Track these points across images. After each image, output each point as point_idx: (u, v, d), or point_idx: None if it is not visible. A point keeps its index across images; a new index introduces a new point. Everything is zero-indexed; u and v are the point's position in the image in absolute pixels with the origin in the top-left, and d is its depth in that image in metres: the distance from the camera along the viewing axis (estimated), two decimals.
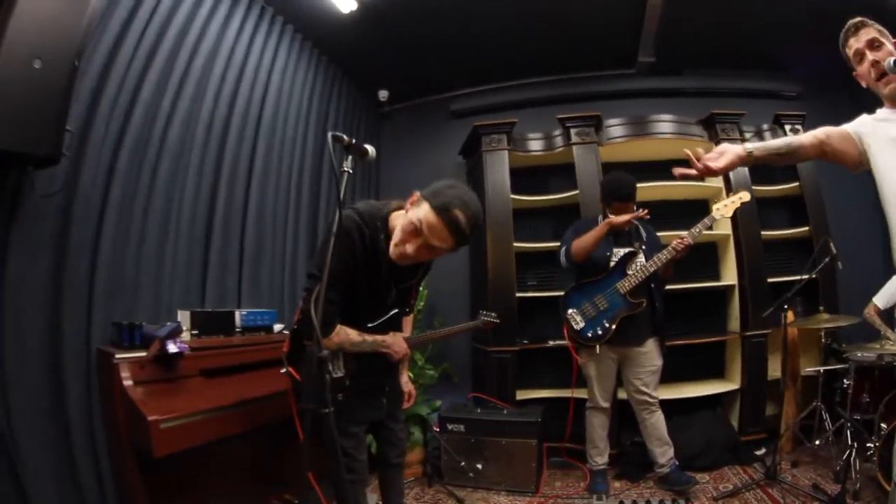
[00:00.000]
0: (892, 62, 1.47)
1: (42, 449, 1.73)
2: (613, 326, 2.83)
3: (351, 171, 1.44)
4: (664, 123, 3.78)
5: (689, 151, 1.67)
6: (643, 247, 2.95)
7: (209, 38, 2.69)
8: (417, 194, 1.64)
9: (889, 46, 1.57)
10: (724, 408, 3.68)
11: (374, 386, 1.93)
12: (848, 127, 1.67)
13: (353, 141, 1.46)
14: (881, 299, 3.12)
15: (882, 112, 1.64)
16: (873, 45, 1.59)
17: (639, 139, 3.78)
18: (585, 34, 3.95)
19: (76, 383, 1.87)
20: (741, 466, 3.19)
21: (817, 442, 3.05)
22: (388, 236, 1.70)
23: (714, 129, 3.73)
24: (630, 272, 2.85)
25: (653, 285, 2.93)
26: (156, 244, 2.30)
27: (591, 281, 2.93)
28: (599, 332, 2.85)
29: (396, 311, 1.93)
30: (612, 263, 2.91)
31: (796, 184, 3.77)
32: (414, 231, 1.58)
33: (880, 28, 1.62)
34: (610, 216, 2.89)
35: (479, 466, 3.04)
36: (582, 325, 2.90)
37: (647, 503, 2.69)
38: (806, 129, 3.60)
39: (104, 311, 2.01)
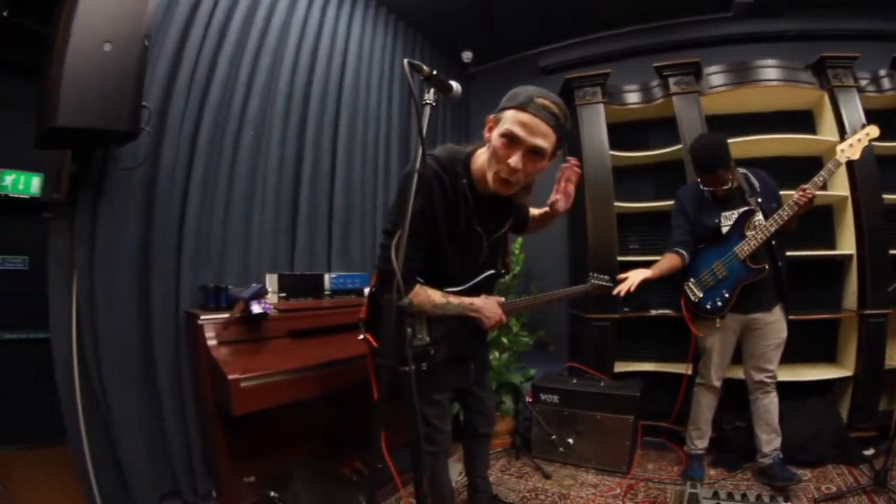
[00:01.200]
0: None
1: (132, 407, 1.92)
2: (733, 297, 2.54)
3: (434, 104, 1.34)
4: (770, 69, 3.32)
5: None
6: (759, 199, 2.56)
7: (279, 12, 2.73)
8: (492, 116, 1.52)
9: None
10: (834, 397, 3.17)
11: (462, 353, 1.82)
12: None
13: (434, 72, 1.34)
14: None
15: None
16: None
17: (743, 87, 3.33)
18: None
19: (164, 345, 2.04)
20: (847, 466, 2.80)
21: None
22: (472, 180, 1.60)
23: (825, 75, 3.21)
24: (749, 234, 2.51)
25: (773, 243, 2.54)
26: (242, 212, 2.42)
27: (707, 247, 2.63)
28: (719, 304, 2.57)
29: (491, 272, 1.82)
30: (724, 229, 2.59)
31: None
32: (509, 142, 1.45)
33: None
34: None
35: (571, 441, 2.88)
36: (700, 295, 2.62)
37: (743, 496, 2.32)
38: None
39: (192, 276, 2.16)
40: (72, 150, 1.81)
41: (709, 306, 2.59)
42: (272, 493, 1.81)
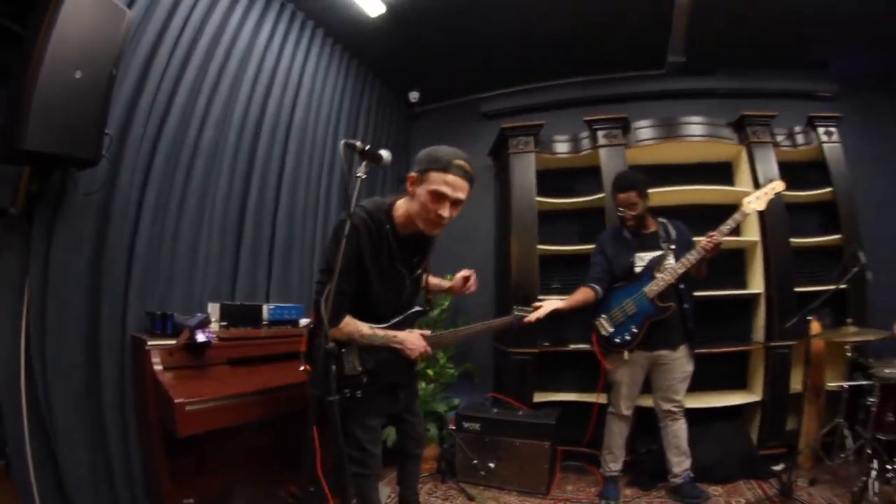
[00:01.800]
0: None
1: (77, 425, 1.91)
2: (641, 332, 2.80)
3: (364, 176, 1.57)
4: (694, 126, 3.73)
5: None
6: (672, 247, 2.87)
7: (241, 43, 2.85)
8: (413, 174, 1.80)
9: None
10: (745, 420, 3.58)
11: (392, 382, 2.01)
12: None
13: (367, 147, 1.58)
14: None
15: None
16: None
17: (668, 141, 3.73)
18: (614, 34, 3.94)
19: (111, 366, 2.05)
20: (757, 481, 3.11)
21: (837, 460, 2.93)
22: (394, 226, 1.85)
23: (745, 132, 3.66)
24: (658, 275, 2.79)
25: (681, 286, 2.84)
26: (189, 240, 2.48)
27: (620, 286, 2.90)
28: (627, 338, 2.82)
29: (416, 309, 2.05)
30: (636, 269, 2.87)
31: (829, 189, 3.64)
32: (438, 198, 1.73)
33: None
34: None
35: (492, 465, 3.08)
36: (611, 330, 2.86)
37: None
38: (840, 132, 3.56)
39: (139, 300, 2.18)
40: (31, 169, 1.83)
41: (618, 340, 2.83)
42: None
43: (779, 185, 2.68)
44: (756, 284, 3.63)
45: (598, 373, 3.04)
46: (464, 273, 2.23)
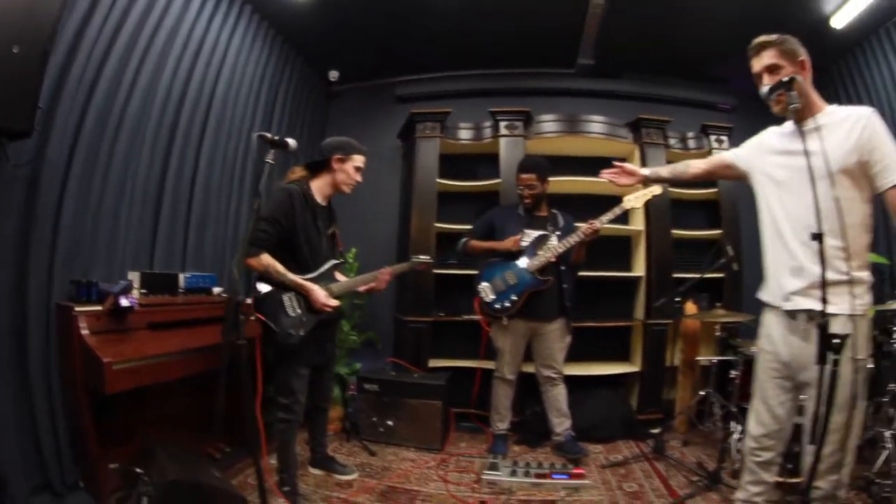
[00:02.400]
0: (766, 90, 1.71)
1: (5, 399, 2.03)
2: (520, 301, 3.10)
3: (273, 163, 1.99)
4: (594, 124, 4.14)
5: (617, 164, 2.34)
6: (557, 232, 3.21)
7: (172, 14, 2.90)
8: (339, 156, 2.52)
9: (788, 69, 1.71)
10: (627, 388, 4.09)
11: (323, 333, 2.51)
12: (727, 155, 2.11)
13: (276, 137, 2.00)
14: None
15: (775, 131, 1.91)
16: (771, 70, 1.75)
17: (569, 136, 4.13)
18: (530, 32, 4.21)
19: (37, 335, 2.17)
20: (635, 441, 3.50)
21: (707, 425, 3.42)
22: (313, 198, 2.50)
23: (639, 133, 4.10)
24: (540, 252, 3.11)
25: (563, 268, 3.18)
26: (112, 211, 2.57)
27: (504, 258, 3.21)
28: (507, 305, 3.12)
29: (333, 261, 2.56)
30: (522, 243, 3.16)
31: (715, 189, 4.13)
32: (358, 169, 2.58)
33: (787, 48, 1.74)
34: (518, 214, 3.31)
35: (391, 423, 3.41)
36: (492, 297, 3.16)
37: (539, 464, 2.96)
38: (731, 141, 4.12)
39: (65, 270, 2.29)
40: None
41: (498, 306, 3.14)
42: (138, 470, 1.98)
43: (656, 190, 2.92)
44: (639, 268, 4.11)
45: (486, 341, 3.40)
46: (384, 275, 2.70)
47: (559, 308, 3.23)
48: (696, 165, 2.22)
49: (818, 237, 1.46)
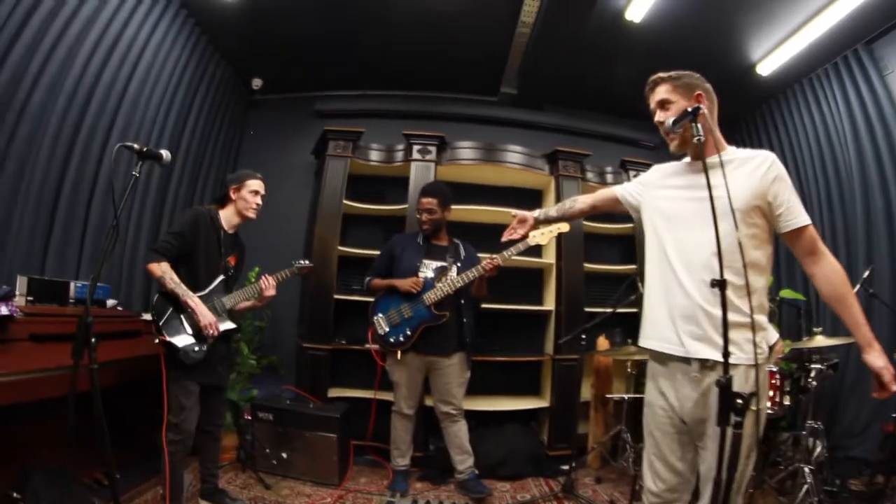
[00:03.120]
0: (670, 122, 1.63)
1: None
2: (415, 335, 3.03)
3: (138, 175, 1.96)
4: (512, 154, 4.14)
5: (513, 213, 2.31)
6: (458, 263, 3.16)
7: (90, 2, 2.76)
8: (234, 186, 2.64)
9: (681, 103, 1.67)
10: (537, 423, 4.06)
11: (218, 351, 2.51)
12: (616, 189, 2.05)
13: (145, 148, 1.96)
14: None
15: (670, 167, 1.85)
16: (662, 105, 1.73)
17: (485, 164, 4.10)
18: (455, 58, 4.32)
19: None
20: (545, 479, 3.43)
21: (621, 461, 3.41)
22: (220, 225, 2.60)
23: (556, 165, 4.12)
24: (438, 285, 3.04)
25: (462, 301, 3.12)
26: (4, 208, 2.36)
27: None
28: (401, 339, 3.05)
29: (221, 276, 2.58)
30: (420, 275, 3.11)
31: (630, 225, 4.17)
32: (255, 193, 2.66)
33: (682, 83, 1.71)
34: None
35: (284, 455, 3.20)
36: (387, 329, 3.09)
37: (440, 503, 2.90)
38: None
39: None
40: None
41: (391, 340, 3.06)
42: (14, 495, 1.86)
43: (563, 227, 2.84)
44: (549, 302, 4.07)
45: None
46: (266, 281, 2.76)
47: (457, 342, 3.15)
48: (581, 201, 2.21)
49: (720, 283, 1.35)
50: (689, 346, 1.58)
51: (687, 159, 1.79)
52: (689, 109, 1.53)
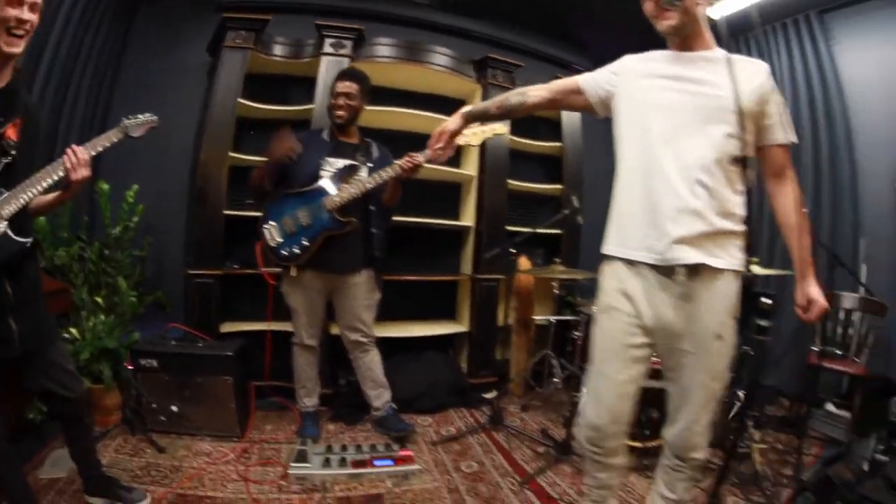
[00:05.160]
0: None
1: None
2: (313, 246, 2.63)
3: None
4: (439, 55, 3.76)
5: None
6: (369, 164, 2.76)
7: None
8: None
9: None
10: (456, 350, 3.89)
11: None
12: (579, 79, 1.81)
13: None
14: None
15: (652, 55, 1.68)
16: None
17: (408, 64, 3.67)
18: None
19: None
20: (468, 410, 3.33)
21: (547, 388, 3.36)
22: None
23: (486, 73, 3.82)
24: (345, 186, 2.64)
25: (372, 208, 2.76)
26: None
27: (297, 193, 2.67)
28: (296, 251, 2.64)
29: None
30: (323, 174, 2.68)
31: (558, 144, 4.07)
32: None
33: None
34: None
35: (175, 408, 2.80)
36: (280, 240, 2.66)
37: (357, 448, 2.63)
38: None
39: None
40: None
41: (285, 252, 2.64)
42: None
43: (500, 129, 2.64)
44: (468, 218, 3.88)
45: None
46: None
47: (365, 258, 2.79)
48: (535, 94, 1.89)
49: (742, 160, 1.39)
50: (677, 251, 1.49)
51: (660, 53, 1.65)
52: None
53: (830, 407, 3.37)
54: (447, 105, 3.90)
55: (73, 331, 2.90)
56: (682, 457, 1.62)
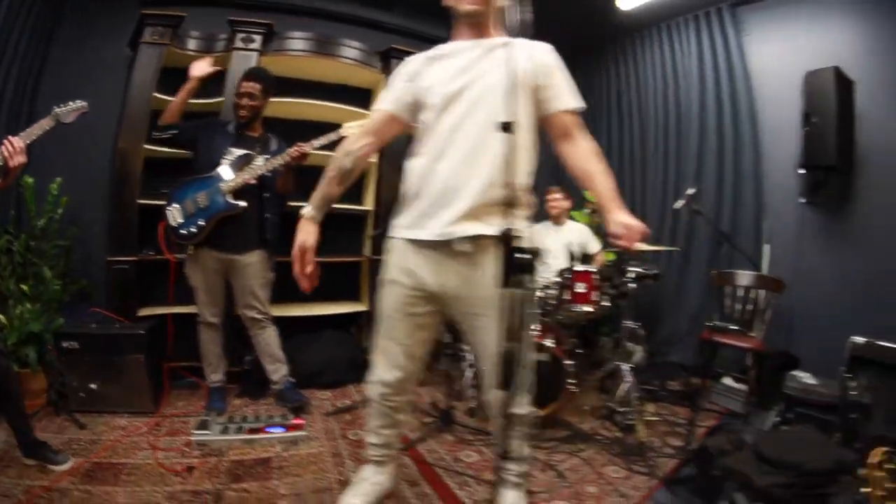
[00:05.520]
0: None
1: None
2: (208, 226, 2.86)
3: None
4: (348, 49, 3.96)
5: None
6: (265, 155, 2.99)
7: None
8: None
9: None
10: (359, 329, 4.07)
11: None
12: (386, 107, 1.86)
13: None
14: None
15: (432, 52, 1.81)
16: None
17: (318, 57, 3.87)
18: None
19: None
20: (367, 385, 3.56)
21: (442, 364, 3.56)
22: None
23: (389, 63, 3.93)
24: (238, 173, 2.90)
25: (266, 195, 3.00)
26: None
27: (200, 178, 2.92)
28: (193, 230, 2.87)
29: None
30: (223, 162, 2.93)
31: None
32: None
33: None
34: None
35: (94, 387, 3.00)
36: (180, 221, 2.89)
37: (256, 418, 2.70)
38: None
39: None
40: None
41: (183, 232, 2.89)
42: None
43: (348, 129, 2.86)
44: (368, 202, 4.13)
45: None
46: None
47: (258, 240, 3.02)
48: (361, 145, 1.88)
49: (506, 127, 1.33)
50: (462, 226, 1.61)
51: (449, 45, 1.79)
52: None
53: (729, 381, 3.55)
54: (356, 95, 4.17)
55: (1, 317, 3.09)
56: (505, 415, 1.66)
